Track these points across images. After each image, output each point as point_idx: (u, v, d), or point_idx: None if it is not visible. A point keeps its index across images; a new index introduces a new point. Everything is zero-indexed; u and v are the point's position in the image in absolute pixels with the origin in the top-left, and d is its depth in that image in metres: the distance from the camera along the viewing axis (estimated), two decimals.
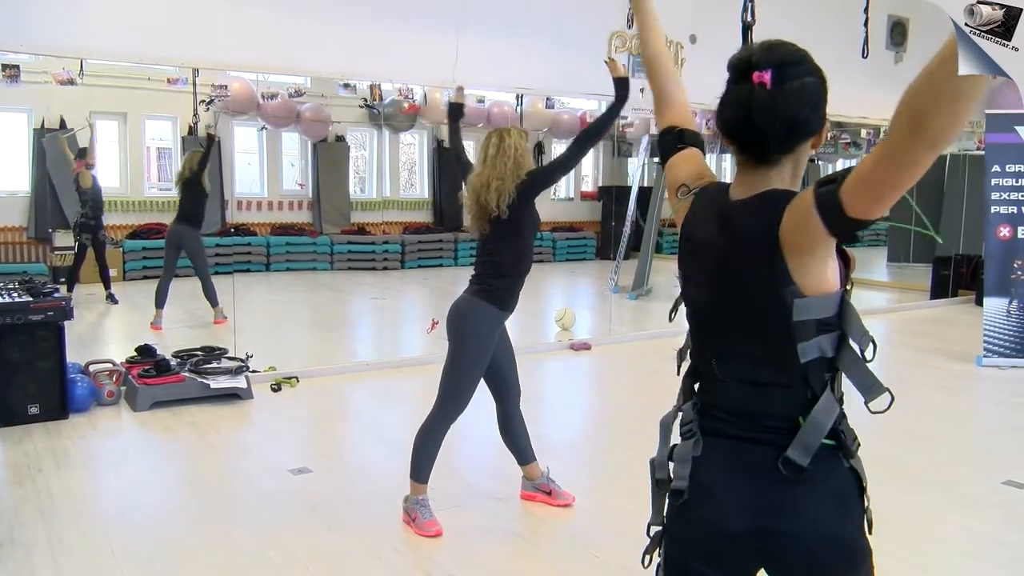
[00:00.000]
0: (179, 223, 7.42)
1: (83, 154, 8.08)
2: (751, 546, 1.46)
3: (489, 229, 3.39)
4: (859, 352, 1.42)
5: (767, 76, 1.37)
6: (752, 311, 1.44)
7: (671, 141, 1.70)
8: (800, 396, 1.44)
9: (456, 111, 3.87)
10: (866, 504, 1.47)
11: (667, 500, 1.56)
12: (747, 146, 1.45)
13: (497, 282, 3.38)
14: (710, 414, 1.53)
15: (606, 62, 3.49)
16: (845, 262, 1.43)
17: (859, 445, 1.47)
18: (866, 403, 1.43)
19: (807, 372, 1.42)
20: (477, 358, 3.40)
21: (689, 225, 1.55)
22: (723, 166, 16.68)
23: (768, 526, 1.44)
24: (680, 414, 1.59)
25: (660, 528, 1.60)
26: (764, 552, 1.47)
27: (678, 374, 1.65)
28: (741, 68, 1.41)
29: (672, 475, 1.54)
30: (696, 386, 1.58)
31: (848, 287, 1.43)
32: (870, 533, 1.48)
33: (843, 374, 1.44)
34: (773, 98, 1.37)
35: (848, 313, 1.41)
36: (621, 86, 3.44)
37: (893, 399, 1.41)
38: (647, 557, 1.63)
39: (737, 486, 1.46)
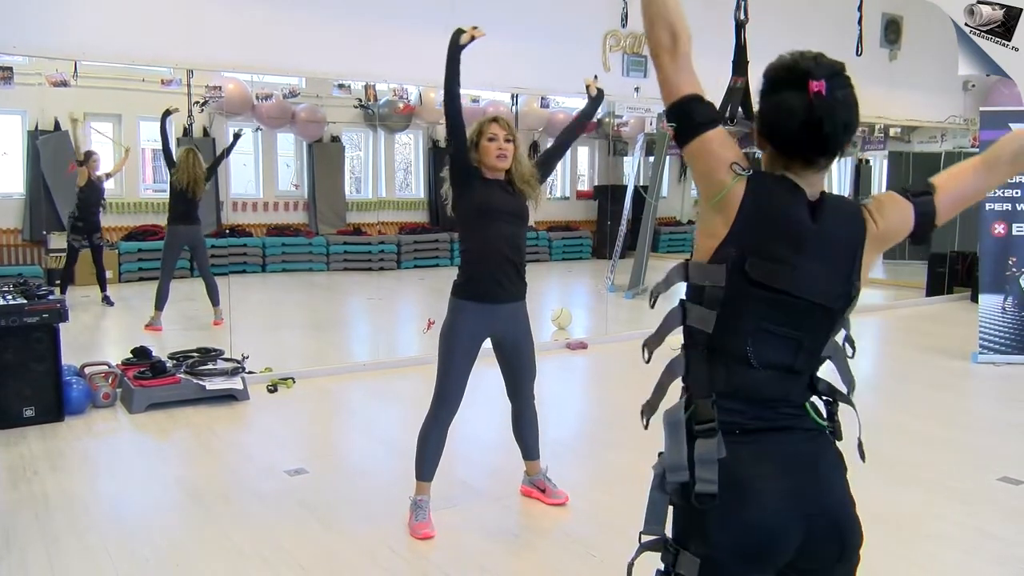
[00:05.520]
0: (190, 223, 7.35)
1: (86, 157, 8.08)
2: (798, 535, 1.49)
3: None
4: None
5: (823, 86, 1.46)
6: (828, 298, 1.52)
7: (706, 112, 1.52)
8: (807, 383, 1.57)
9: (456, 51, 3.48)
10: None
11: (688, 506, 1.49)
12: (813, 152, 1.51)
13: (460, 272, 3.47)
14: (724, 407, 1.50)
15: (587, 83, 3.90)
16: None
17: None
18: (848, 394, 1.62)
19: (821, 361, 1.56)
20: (450, 353, 3.40)
21: (763, 205, 1.49)
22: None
23: (809, 510, 1.49)
24: (692, 409, 1.51)
25: (657, 537, 1.56)
26: (806, 536, 1.49)
27: (648, 361, 1.65)
28: (792, 78, 1.48)
29: (696, 478, 1.46)
30: (707, 376, 1.52)
31: None
32: None
33: (834, 364, 1.62)
34: (833, 106, 1.47)
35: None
36: (596, 98, 3.87)
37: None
38: (633, 564, 1.59)
39: (772, 478, 1.48)
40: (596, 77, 3.96)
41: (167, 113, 7.16)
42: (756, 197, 1.48)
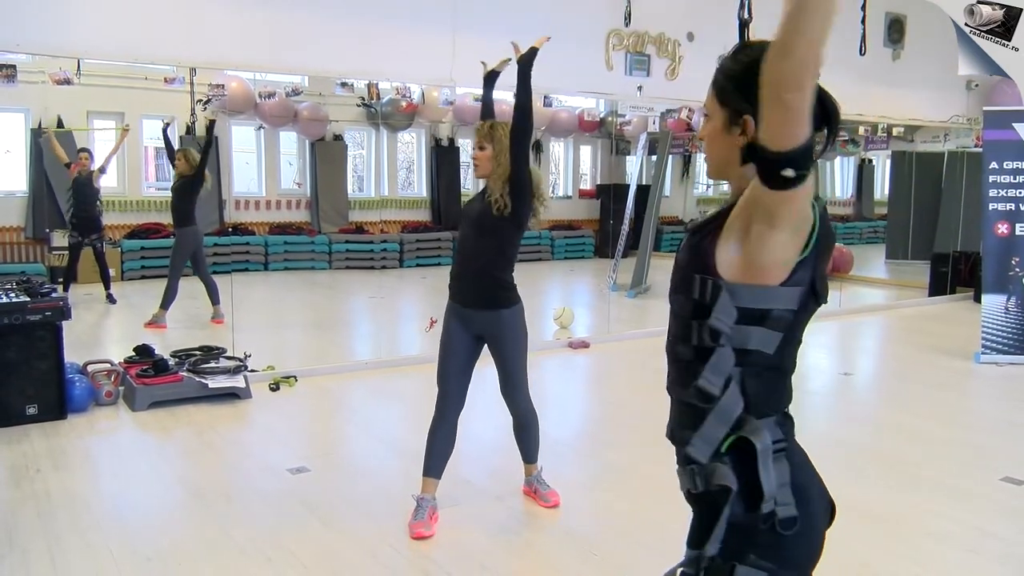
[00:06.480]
0: (195, 224, 7.33)
1: (78, 154, 8.11)
2: None
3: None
4: None
5: None
6: None
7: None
8: None
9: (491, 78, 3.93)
10: None
11: (754, 525, 1.43)
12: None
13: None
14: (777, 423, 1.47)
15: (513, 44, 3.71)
16: None
17: None
18: None
19: None
20: (442, 353, 3.49)
21: (825, 226, 1.44)
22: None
23: (827, 504, 1.53)
24: (765, 431, 1.43)
25: (709, 556, 1.45)
26: None
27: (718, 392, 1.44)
28: None
29: (777, 503, 1.41)
30: (767, 395, 1.46)
31: None
32: None
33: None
34: (828, 92, 1.41)
35: None
36: (527, 60, 3.67)
37: None
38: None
39: (815, 482, 1.52)
40: (511, 52, 3.75)
41: (166, 126, 7.62)
42: (820, 218, 1.41)
